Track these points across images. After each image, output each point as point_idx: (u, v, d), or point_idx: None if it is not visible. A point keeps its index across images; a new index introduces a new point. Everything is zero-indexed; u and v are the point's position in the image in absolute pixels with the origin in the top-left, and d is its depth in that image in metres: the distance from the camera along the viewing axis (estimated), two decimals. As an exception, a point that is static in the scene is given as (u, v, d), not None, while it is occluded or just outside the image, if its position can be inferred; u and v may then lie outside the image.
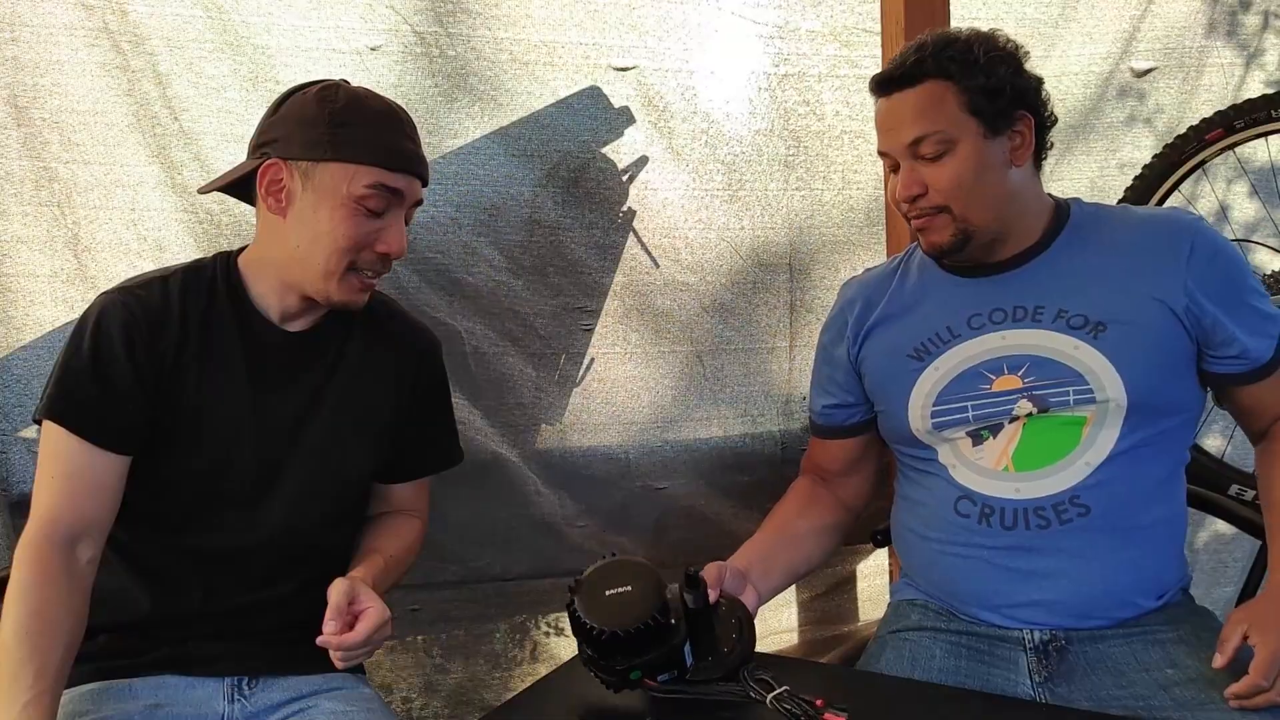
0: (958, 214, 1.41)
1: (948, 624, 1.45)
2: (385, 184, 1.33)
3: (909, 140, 1.41)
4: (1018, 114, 1.43)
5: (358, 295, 1.39)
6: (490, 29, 1.99)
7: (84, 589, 1.27)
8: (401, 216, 1.38)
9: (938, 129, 1.39)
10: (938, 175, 1.40)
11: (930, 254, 1.48)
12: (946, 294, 1.52)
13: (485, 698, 2.16)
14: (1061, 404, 1.38)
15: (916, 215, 1.45)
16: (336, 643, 1.22)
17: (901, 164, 1.44)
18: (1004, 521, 1.39)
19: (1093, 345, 1.37)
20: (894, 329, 1.54)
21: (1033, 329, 1.42)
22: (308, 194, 1.33)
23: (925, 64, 1.41)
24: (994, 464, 1.41)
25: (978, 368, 1.43)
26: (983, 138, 1.41)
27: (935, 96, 1.40)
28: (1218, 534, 2.43)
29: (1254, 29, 2.40)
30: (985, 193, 1.42)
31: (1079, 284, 1.42)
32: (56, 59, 1.77)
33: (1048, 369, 1.39)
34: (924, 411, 1.46)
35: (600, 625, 1.12)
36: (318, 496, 1.43)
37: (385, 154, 1.33)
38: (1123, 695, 1.30)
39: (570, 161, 2.07)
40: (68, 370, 1.31)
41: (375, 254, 1.36)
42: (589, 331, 2.13)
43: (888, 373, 1.52)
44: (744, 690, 1.13)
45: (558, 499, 2.15)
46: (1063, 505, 1.36)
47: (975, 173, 1.40)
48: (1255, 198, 2.41)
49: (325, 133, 1.32)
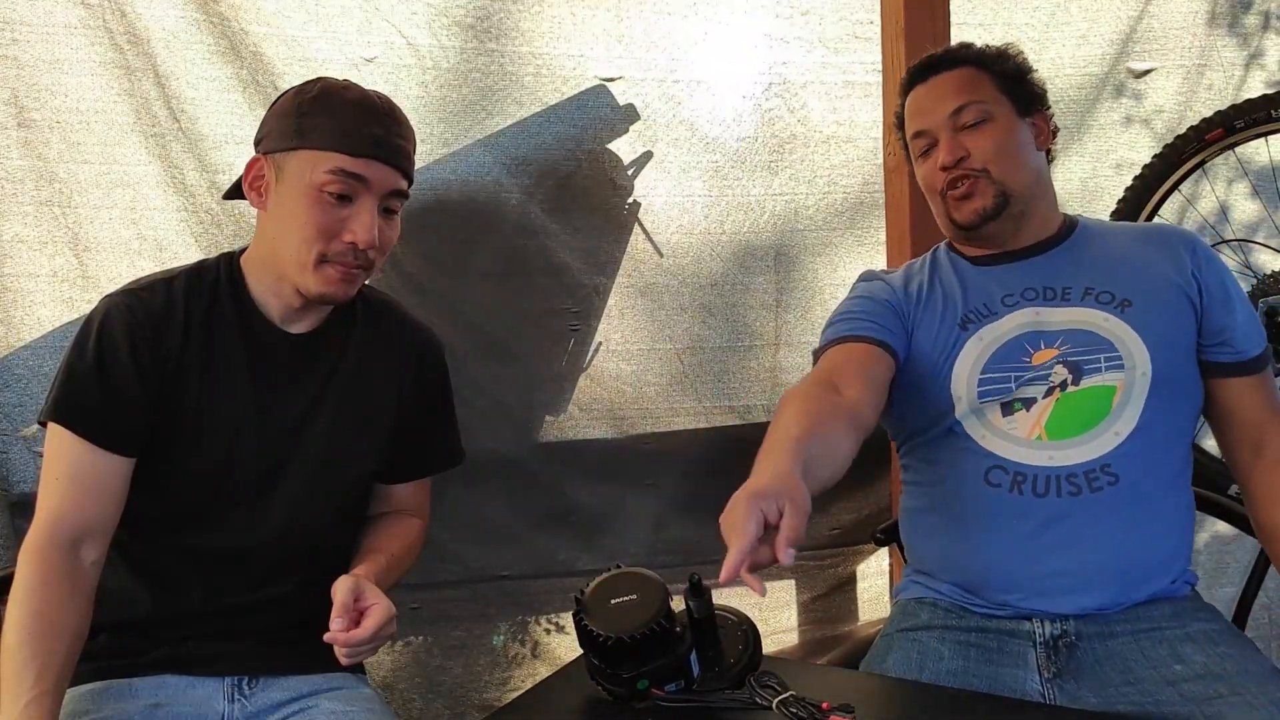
0: (997, 176, 1.50)
1: (958, 621, 1.45)
2: (345, 169, 1.30)
3: (951, 110, 1.53)
4: (1038, 106, 1.58)
5: (337, 287, 1.35)
6: (481, 41, 2.04)
7: (87, 590, 1.27)
8: (370, 206, 1.33)
9: (978, 99, 1.53)
10: (978, 140, 1.51)
11: (968, 224, 1.53)
12: (976, 280, 1.57)
13: (486, 697, 2.16)
14: (1094, 370, 1.43)
15: (959, 180, 1.51)
16: (343, 639, 1.22)
17: (941, 136, 1.53)
18: (1036, 489, 1.41)
19: (1120, 318, 1.45)
20: (937, 305, 1.56)
21: (1064, 307, 1.49)
22: (281, 185, 1.33)
23: (961, 53, 1.58)
24: (1027, 434, 1.43)
25: (1019, 339, 1.48)
26: (1015, 115, 1.54)
27: (971, 76, 1.55)
28: (1218, 534, 2.44)
29: (1254, 29, 2.41)
30: (1021, 161, 1.53)
31: (1101, 266, 1.51)
32: (57, 58, 1.78)
33: (1081, 338, 1.45)
34: (970, 380, 1.48)
35: (606, 632, 1.12)
36: (319, 497, 1.43)
37: (345, 139, 1.31)
38: (1130, 692, 1.31)
39: (558, 169, 2.11)
40: (72, 373, 1.31)
41: (344, 243, 1.33)
42: (576, 331, 2.16)
43: (937, 341, 1.52)
44: (749, 696, 1.13)
45: (555, 497, 2.17)
46: (1094, 473, 1.39)
47: (1012, 142, 1.53)
48: (1255, 198, 2.41)
49: (294, 123, 1.32)
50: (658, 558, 2.20)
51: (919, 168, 1.60)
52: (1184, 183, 2.17)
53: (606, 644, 1.12)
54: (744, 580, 0.98)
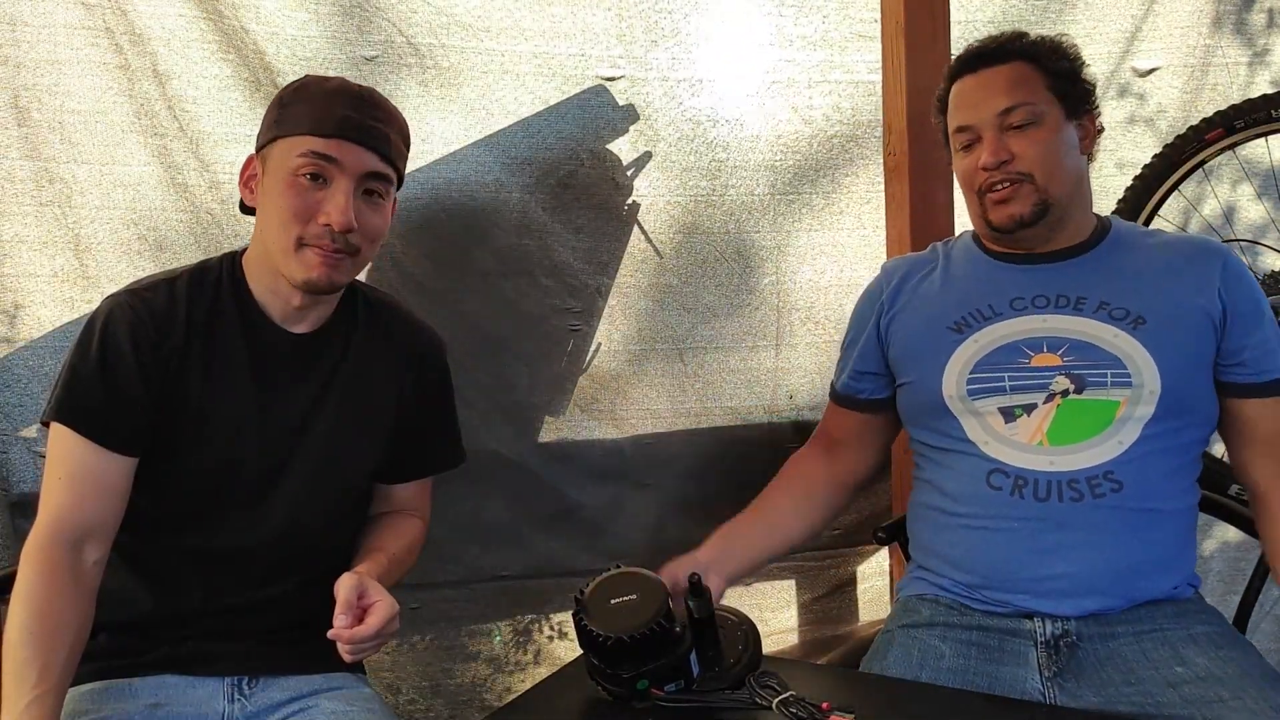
0: (1040, 183, 1.47)
1: (960, 618, 1.45)
2: (316, 150, 1.30)
3: (1000, 109, 1.48)
4: (1086, 107, 1.53)
5: (319, 271, 1.33)
6: (481, 40, 2.03)
7: (90, 590, 1.27)
8: (345, 187, 1.32)
9: (1030, 100, 1.48)
10: (1025, 144, 1.47)
11: (1004, 228, 1.51)
12: (990, 276, 1.56)
13: (486, 698, 2.17)
14: (1099, 385, 1.41)
15: (1000, 183, 1.49)
16: (347, 636, 1.21)
17: (986, 134, 1.50)
18: (1037, 493, 1.40)
19: (1132, 335, 1.43)
20: (934, 301, 1.57)
21: (1074, 316, 1.47)
22: (265, 178, 1.35)
23: (1014, 45, 1.52)
24: (1028, 439, 1.43)
25: (1018, 343, 1.47)
26: (1064, 117, 1.50)
27: (1023, 74, 1.50)
28: (1227, 543, 2.43)
29: (1259, 28, 2.41)
30: (1066, 167, 1.50)
31: (1121, 281, 1.49)
32: (57, 59, 1.78)
33: (1088, 352, 1.43)
34: (960, 378, 1.48)
35: (606, 632, 1.12)
36: (320, 497, 1.43)
37: (316, 122, 1.32)
38: (1131, 692, 1.31)
39: (558, 168, 2.11)
40: (75, 373, 1.31)
41: (320, 225, 1.32)
42: (577, 331, 2.16)
43: (925, 341, 1.54)
44: (749, 696, 1.13)
45: (555, 498, 2.16)
46: (1096, 479, 1.39)
47: (1059, 146, 1.49)
48: (1257, 199, 2.41)
49: (275, 114, 1.35)
50: (658, 558, 2.20)
51: (958, 161, 1.57)
52: (1185, 183, 2.17)
53: (606, 644, 1.12)
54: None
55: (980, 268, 1.58)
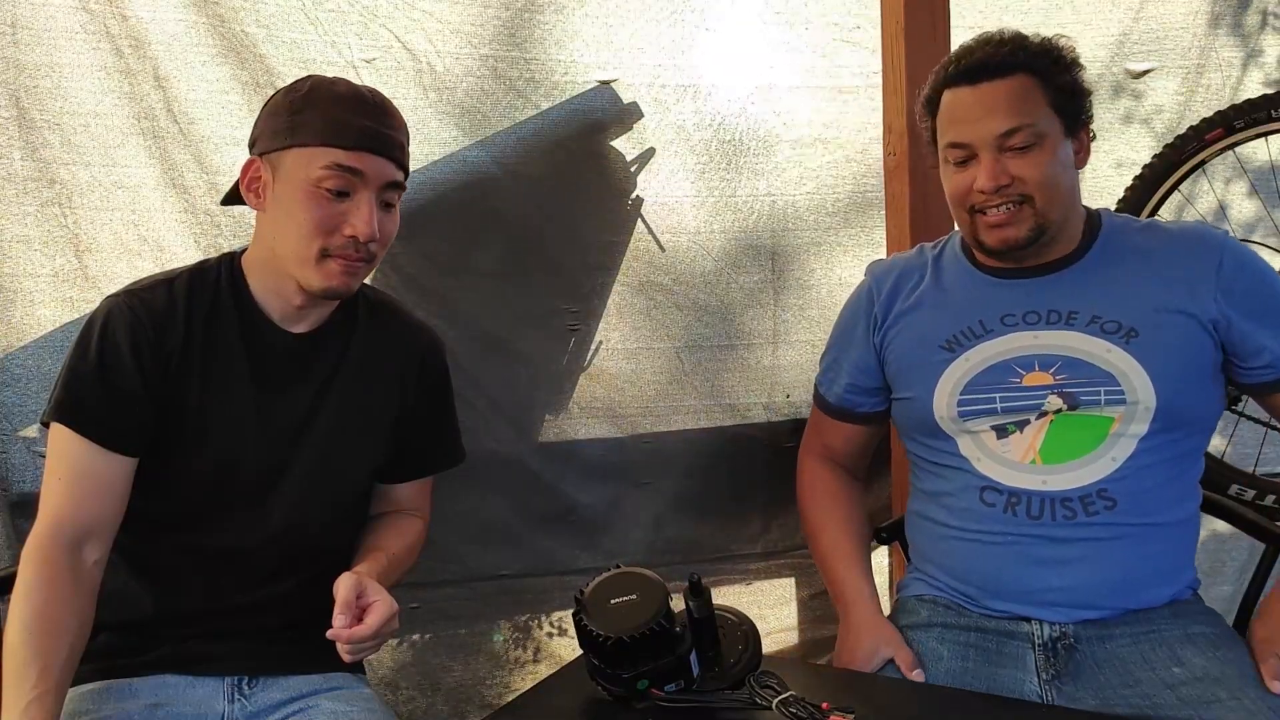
0: (1039, 207, 1.42)
1: (958, 619, 1.46)
2: (341, 163, 1.30)
3: (1001, 130, 1.41)
4: (1084, 119, 1.48)
5: (339, 280, 1.34)
6: (475, 46, 2.05)
7: (90, 590, 1.27)
8: (368, 199, 1.33)
9: (1031, 121, 1.41)
10: (1025, 166, 1.41)
11: (999, 249, 1.47)
12: (980, 291, 1.53)
13: (485, 697, 2.17)
14: (1092, 403, 1.39)
15: (997, 206, 1.43)
16: (346, 635, 1.22)
17: (984, 155, 1.43)
18: (1030, 511, 1.40)
19: (1125, 349, 1.39)
20: (926, 318, 1.55)
21: (1066, 331, 1.43)
22: (277, 184, 1.33)
23: (1018, 56, 1.43)
24: (1020, 457, 1.42)
25: (1009, 362, 1.45)
26: (1064, 134, 1.44)
27: (1026, 89, 1.42)
28: (1216, 533, 2.44)
29: (1253, 28, 2.41)
30: (1064, 189, 1.45)
31: (1113, 293, 1.45)
32: (58, 61, 1.78)
33: (1080, 369, 1.41)
34: (950, 398, 1.46)
35: (606, 632, 1.12)
36: (320, 496, 1.43)
37: (338, 133, 1.31)
38: (1129, 694, 1.31)
39: (558, 169, 2.12)
40: (74, 373, 1.31)
41: (344, 237, 1.32)
42: (576, 331, 2.16)
43: (916, 361, 1.53)
44: (749, 696, 1.13)
45: (555, 496, 2.17)
46: (1090, 498, 1.38)
47: (1058, 167, 1.43)
48: (1255, 197, 2.41)
49: (286, 121, 1.33)
50: (657, 557, 2.21)
51: (949, 175, 1.50)
52: (1184, 182, 2.17)
53: (606, 644, 1.12)
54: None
55: (970, 281, 1.55)
